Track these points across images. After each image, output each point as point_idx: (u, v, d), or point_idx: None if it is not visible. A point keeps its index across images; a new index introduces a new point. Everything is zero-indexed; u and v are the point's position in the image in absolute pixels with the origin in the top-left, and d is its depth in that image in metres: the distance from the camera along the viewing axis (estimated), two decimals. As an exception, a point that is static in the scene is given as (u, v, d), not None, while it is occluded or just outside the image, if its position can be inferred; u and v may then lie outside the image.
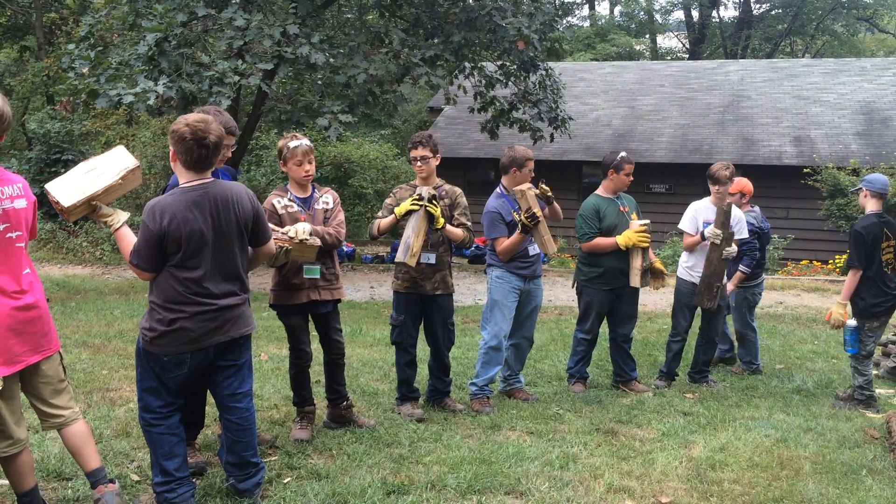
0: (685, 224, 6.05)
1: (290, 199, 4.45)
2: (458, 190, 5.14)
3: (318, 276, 4.42)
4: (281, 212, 4.40)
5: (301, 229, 4.14)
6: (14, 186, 3.08)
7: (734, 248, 5.82)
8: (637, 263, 5.59)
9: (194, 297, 3.34)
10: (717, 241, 5.75)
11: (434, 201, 4.77)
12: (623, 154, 5.76)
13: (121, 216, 3.47)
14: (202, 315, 3.35)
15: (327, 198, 4.57)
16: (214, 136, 3.34)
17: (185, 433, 3.59)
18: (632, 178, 5.75)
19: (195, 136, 3.30)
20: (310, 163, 4.43)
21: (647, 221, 5.68)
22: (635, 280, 5.61)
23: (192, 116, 3.36)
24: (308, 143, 4.45)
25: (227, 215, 3.40)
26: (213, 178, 3.45)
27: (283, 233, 4.10)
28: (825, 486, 3.99)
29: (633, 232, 5.54)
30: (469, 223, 5.06)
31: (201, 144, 3.31)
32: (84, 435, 3.29)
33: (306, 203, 4.47)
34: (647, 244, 5.58)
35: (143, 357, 3.44)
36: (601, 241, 5.63)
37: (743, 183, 6.41)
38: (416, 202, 4.72)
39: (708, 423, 5.06)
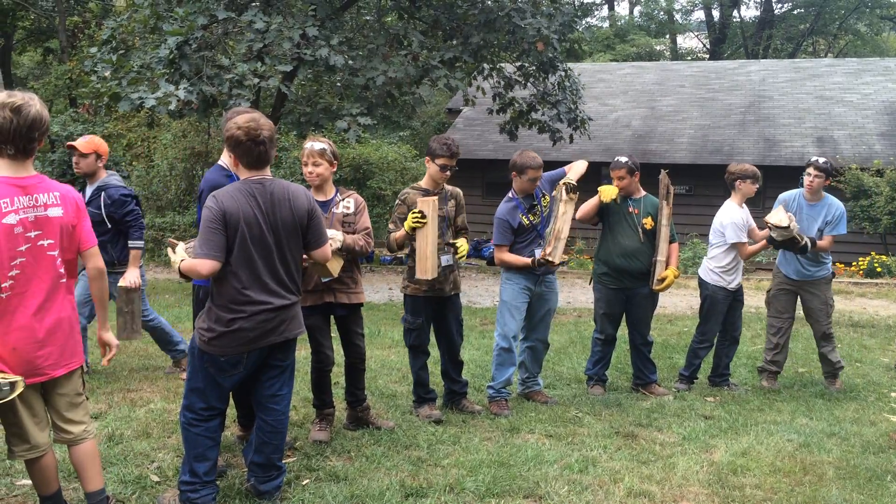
0: (735, 235, 5.81)
1: None
2: (459, 190, 5.20)
3: (332, 278, 4.38)
4: None
5: (331, 235, 4.11)
6: (51, 195, 3.04)
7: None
8: (658, 257, 5.58)
9: (252, 296, 3.37)
10: (787, 226, 5.62)
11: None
12: (616, 158, 5.75)
13: (180, 257, 3.53)
14: (259, 315, 3.39)
15: (349, 202, 4.53)
16: (267, 130, 3.43)
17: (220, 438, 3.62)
18: (619, 184, 5.62)
19: (249, 136, 3.38)
20: (316, 165, 4.38)
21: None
22: (652, 280, 5.62)
23: (241, 118, 3.42)
24: (320, 144, 4.39)
25: (283, 211, 3.45)
26: (272, 176, 3.51)
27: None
28: (849, 492, 3.93)
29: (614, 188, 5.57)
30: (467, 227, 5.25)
31: (257, 142, 3.39)
32: (90, 454, 3.25)
33: (324, 207, 4.43)
34: (607, 200, 5.52)
35: (197, 357, 3.47)
36: (585, 204, 5.64)
37: (97, 143, 5.59)
38: (418, 220, 4.70)
39: (729, 427, 5.01)
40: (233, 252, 3.34)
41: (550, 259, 5.08)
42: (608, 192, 5.52)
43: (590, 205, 5.62)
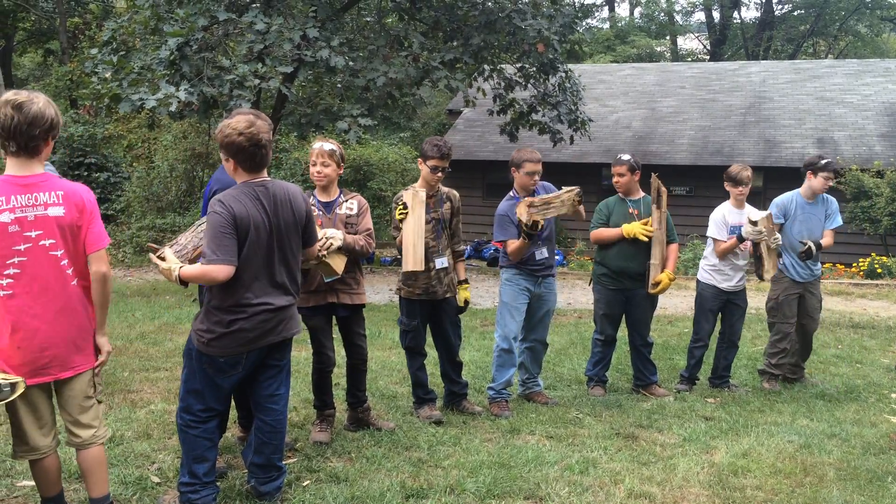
0: (714, 231, 5.93)
1: (311, 203, 4.44)
2: (456, 193, 5.21)
3: (335, 278, 4.38)
4: None
5: (331, 234, 4.14)
6: (52, 194, 2.98)
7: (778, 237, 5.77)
8: (652, 261, 5.57)
9: (253, 297, 3.36)
10: (762, 240, 5.69)
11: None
12: (619, 155, 5.80)
13: (175, 264, 3.43)
14: (259, 315, 3.38)
15: (352, 203, 4.54)
16: (266, 133, 3.39)
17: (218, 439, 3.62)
18: (619, 180, 5.68)
19: (252, 141, 3.34)
20: (324, 165, 4.41)
21: (649, 222, 5.61)
22: (647, 284, 5.62)
23: (240, 123, 3.35)
24: (329, 145, 4.42)
25: (285, 212, 3.46)
26: (271, 178, 3.50)
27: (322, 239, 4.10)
28: (850, 494, 3.93)
29: (640, 224, 5.53)
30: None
31: (259, 146, 3.36)
32: (97, 460, 3.23)
33: (328, 207, 4.47)
34: (646, 239, 5.52)
35: (195, 359, 3.45)
36: (604, 231, 5.67)
37: None
38: (401, 212, 4.77)
39: (730, 428, 5.01)
40: (240, 256, 3.33)
41: (531, 214, 4.93)
42: (633, 231, 5.52)
43: (609, 235, 5.64)
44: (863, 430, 5.04)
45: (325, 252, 4.05)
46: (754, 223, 5.63)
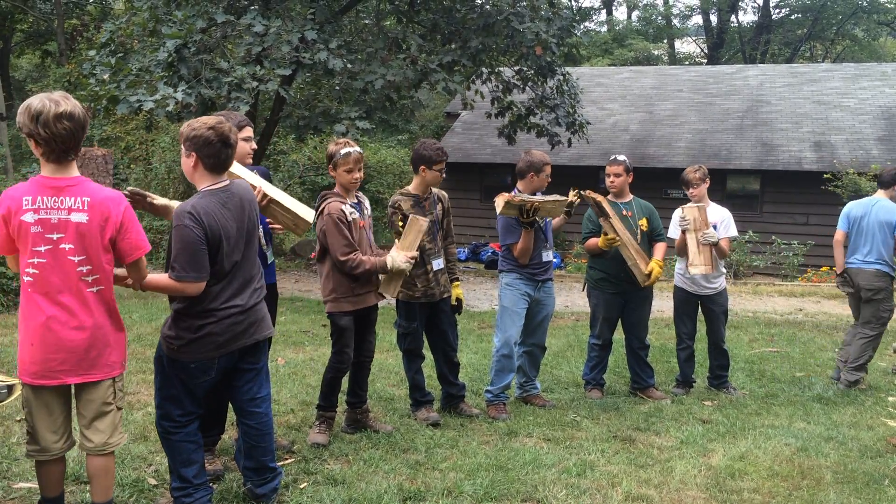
0: (671, 231, 5.98)
1: (350, 206, 4.48)
2: (445, 193, 5.25)
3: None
4: (350, 219, 4.42)
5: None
6: (78, 199, 2.95)
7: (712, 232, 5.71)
8: (630, 263, 5.56)
9: (222, 300, 3.33)
10: (687, 229, 5.71)
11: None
12: (614, 155, 5.83)
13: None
14: (228, 319, 3.35)
15: (367, 203, 4.67)
16: (234, 136, 3.36)
17: (203, 439, 3.60)
18: (614, 181, 5.70)
19: (221, 138, 3.28)
20: (359, 170, 4.46)
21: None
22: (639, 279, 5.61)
23: (210, 119, 3.32)
24: (359, 150, 4.48)
25: (251, 214, 3.45)
26: (229, 180, 3.45)
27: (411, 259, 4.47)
28: (847, 496, 3.94)
29: (605, 238, 5.51)
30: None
31: (227, 144, 3.31)
32: (103, 468, 3.20)
33: (358, 209, 4.53)
34: (614, 246, 5.49)
35: (166, 365, 3.41)
36: (592, 240, 5.68)
37: None
38: (401, 223, 4.82)
39: (727, 431, 5.01)
40: (213, 267, 3.29)
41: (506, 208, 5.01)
42: (607, 244, 5.53)
43: (595, 245, 5.63)
44: (860, 433, 5.05)
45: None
46: (684, 219, 5.72)
